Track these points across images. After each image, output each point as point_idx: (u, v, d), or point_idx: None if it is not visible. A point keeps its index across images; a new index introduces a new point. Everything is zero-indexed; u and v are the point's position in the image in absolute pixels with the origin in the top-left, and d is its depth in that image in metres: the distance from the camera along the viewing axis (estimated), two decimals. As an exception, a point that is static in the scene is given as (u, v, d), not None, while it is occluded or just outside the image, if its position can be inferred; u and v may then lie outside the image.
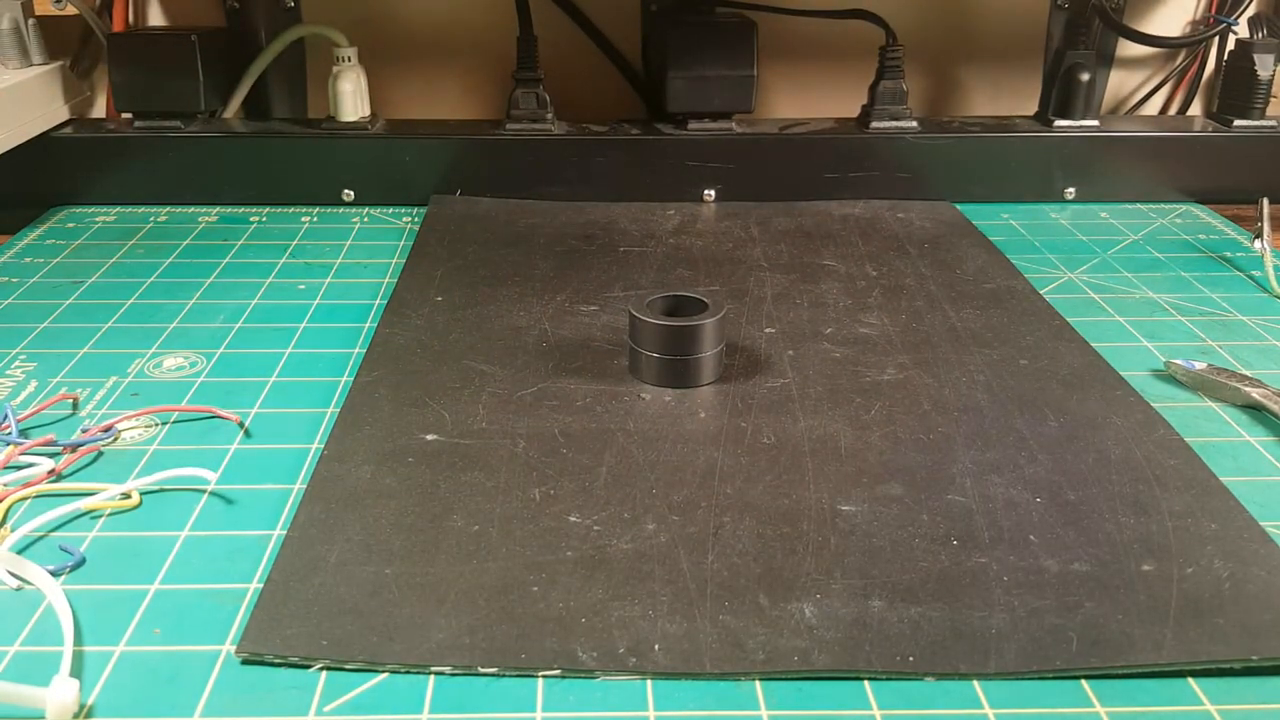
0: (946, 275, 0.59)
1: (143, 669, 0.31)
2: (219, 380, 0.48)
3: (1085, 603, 0.33)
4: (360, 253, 0.65)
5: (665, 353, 0.46)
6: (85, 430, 0.43)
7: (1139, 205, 0.74)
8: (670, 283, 0.58)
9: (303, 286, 0.59)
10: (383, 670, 0.31)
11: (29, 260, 0.63)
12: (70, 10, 0.75)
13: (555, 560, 0.35)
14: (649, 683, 0.30)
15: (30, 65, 0.71)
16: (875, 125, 0.74)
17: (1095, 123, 0.75)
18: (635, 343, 0.47)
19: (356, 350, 0.51)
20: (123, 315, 0.55)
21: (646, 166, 0.72)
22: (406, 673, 0.31)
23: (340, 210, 0.72)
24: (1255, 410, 0.46)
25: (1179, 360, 0.49)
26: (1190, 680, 0.31)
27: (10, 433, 0.42)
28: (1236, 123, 0.74)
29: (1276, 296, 0.58)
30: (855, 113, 0.76)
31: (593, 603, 0.33)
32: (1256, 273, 0.61)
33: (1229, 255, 0.65)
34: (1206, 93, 0.85)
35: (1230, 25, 0.78)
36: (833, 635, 0.32)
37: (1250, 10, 0.78)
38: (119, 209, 0.72)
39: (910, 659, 0.31)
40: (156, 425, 0.44)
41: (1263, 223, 0.64)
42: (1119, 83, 0.84)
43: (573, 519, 0.37)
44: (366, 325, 0.54)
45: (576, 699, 0.30)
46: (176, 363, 0.50)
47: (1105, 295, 0.58)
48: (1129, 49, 0.82)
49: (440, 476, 0.39)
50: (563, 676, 0.30)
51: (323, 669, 0.31)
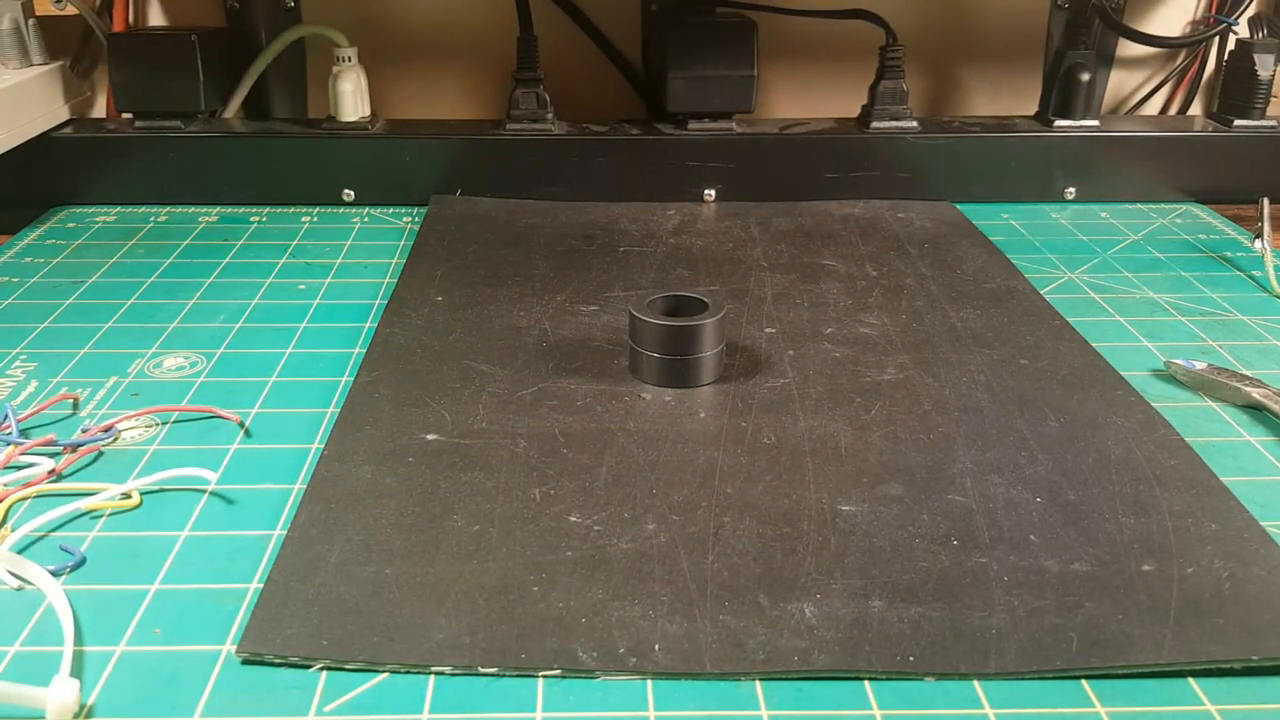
0: (947, 275, 0.59)
1: (143, 669, 0.31)
2: (219, 380, 0.48)
3: (1085, 603, 0.33)
4: (360, 253, 0.65)
5: (665, 353, 0.46)
6: (85, 430, 0.43)
7: (1139, 205, 0.74)
8: (670, 283, 0.58)
9: (303, 286, 0.59)
10: (383, 670, 0.31)
11: (29, 260, 0.63)
12: (70, 10, 0.75)
13: (555, 560, 0.35)
14: (649, 683, 0.30)
15: (30, 65, 0.71)
16: (875, 125, 0.74)
17: (1095, 123, 0.75)
18: (635, 343, 0.47)
19: (356, 350, 0.51)
20: (123, 315, 0.55)
21: (646, 166, 0.72)
22: (407, 673, 0.31)
23: (340, 210, 0.72)
24: (1255, 410, 0.46)
25: (1179, 360, 0.49)
26: (1190, 680, 0.31)
27: (10, 433, 0.42)
28: (1237, 123, 0.74)
29: (1276, 296, 0.58)
30: (855, 113, 0.76)
31: (593, 603, 0.33)
32: (1257, 273, 0.61)
33: (1229, 255, 0.65)
34: (1207, 93, 0.85)
35: (1230, 25, 0.78)
36: (833, 635, 0.32)
37: (1250, 10, 0.78)
38: (119, 209, 0.72)
39: (910, 659, 0.31)
40: (156, 425, 0.44)
41: (1263, 223, 0.64)
42: (1119, 83, 0.84)
43: (573, 519, 0.37)
44: (366, 325, 0.54)
45: (577, 699, 0.30)
46: (177, 363, 0.50)
47: (1105, 295, 0.58)
48: (1129, 49, 0.82)
49: (440, 476, 0.39)
50: (563, 676, 0.30)
51: (323, 669, 0.31)
